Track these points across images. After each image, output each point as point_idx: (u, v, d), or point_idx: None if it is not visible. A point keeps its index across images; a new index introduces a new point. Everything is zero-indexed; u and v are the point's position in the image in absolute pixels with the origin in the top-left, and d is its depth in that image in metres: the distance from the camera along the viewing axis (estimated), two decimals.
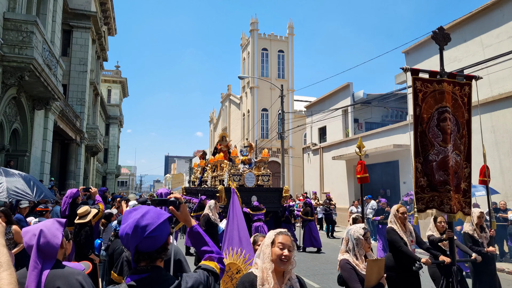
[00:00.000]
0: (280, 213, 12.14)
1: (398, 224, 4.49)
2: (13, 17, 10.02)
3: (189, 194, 16.08)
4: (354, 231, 3.25)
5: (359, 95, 20.28)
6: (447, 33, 4.43)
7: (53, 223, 2.08)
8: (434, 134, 4.01)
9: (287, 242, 2.22)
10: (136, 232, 1.47)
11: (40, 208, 6.37)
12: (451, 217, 4.08)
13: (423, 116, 4.01)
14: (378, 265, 3.12)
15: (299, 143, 34.44)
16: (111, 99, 40.27)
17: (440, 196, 3.98)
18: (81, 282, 1.97)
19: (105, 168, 38.08)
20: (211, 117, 58.59)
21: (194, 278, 1.61)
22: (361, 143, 4.77)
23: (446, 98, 4.05)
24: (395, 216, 4.54)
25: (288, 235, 2.27)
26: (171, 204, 1.81)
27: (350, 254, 3.21)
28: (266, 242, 2.27)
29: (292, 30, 39.75)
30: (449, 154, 3.95)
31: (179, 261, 2.43)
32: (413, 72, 4.11)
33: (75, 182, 19.10)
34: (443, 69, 4.22)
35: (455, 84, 4.20)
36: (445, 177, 3.96)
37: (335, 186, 20.99)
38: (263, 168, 12.65)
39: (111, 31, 28.57)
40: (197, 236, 1.86)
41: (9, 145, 11.64)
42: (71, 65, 19.72)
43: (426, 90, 4.05)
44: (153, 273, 1.51)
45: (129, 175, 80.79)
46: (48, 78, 11.46)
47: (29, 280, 1.85)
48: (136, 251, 1.50)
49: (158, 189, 4.85)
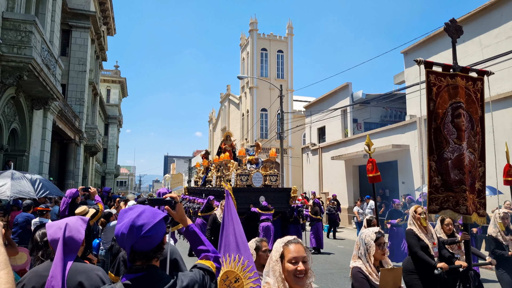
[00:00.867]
0: (288, 213, 11.95)
1: (417, 225, 4.26)
2: (12, 16, 10.01)
3: (192, 194, 16.04)
4: (365, 235, 2.94)
5: (358, 95, 20.30)
6: (459, 25, 4.22)
7: (77, 219, 2.14)
8: (449, 131, 3.79)
9: (300, 252, 1.88)
10: (132, 231, 1.47)
11: (40, 207, 6.37)
12: (467, 219, 3.83)
13: (438, 111, 3.79)
14: (394, 275, 2.80)
15: (298, 143, 34.46)
16: (110, 99, 40.24)
17: (456, 196, 3.76)
18: (101, 278, 2.01)
19: (104, 168, 38.06)
20: (211, 117, 58.59)
21: (190, 277, 1.61)
22: (370, 140, 4.48)
23: (460, 93, 3.85)
24: (413, 217, 4.32)
25: (299, 242, 1.94)
26: (167, 204, 1.82)
27: (363, 261, 2.89)
28: (274, 256, 1.95)
29: (291, 30, 39.77)
30: (464, 152, 3.75)
31: (175, 260, 2.43)
32: (426, 64, 3.92)
33: (74, 182, 19.08)
34: (456, 62, 4.03)
35: (468, 79, 4.01)
36: (461, 176, 3.74)
37: (334, 186, 21.00)
38: (270, 168, 12.53)
39: (110, 31, 28.55)
40: (193, 235, 1.86)
41: (8, 145, 11.63)
42: (70, 65, 19.71)
43: (440, 84, 3.85)
44: (148, 272, 1.51)
45: (128, 175, 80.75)
46: (47, 78, 11.44)
47: (55, 272, 1.87)
48: (132, 250, 1.50)
49: (158, 189, 4.85)
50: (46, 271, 1.94)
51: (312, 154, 23.82)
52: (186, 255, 9.02)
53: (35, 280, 1.97)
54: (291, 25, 39.83)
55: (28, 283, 1.96)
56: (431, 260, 3.99)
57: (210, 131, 58.36)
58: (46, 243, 2.42)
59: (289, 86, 37.97)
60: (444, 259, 4.30)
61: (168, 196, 1.87)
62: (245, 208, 10.96)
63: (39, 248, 2.42)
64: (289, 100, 36.82)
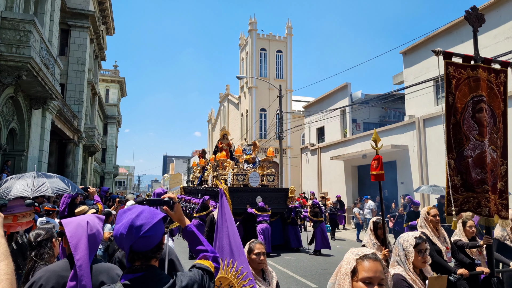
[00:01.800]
0: (285, 214, 11.79)
1: (430, 228, 3.98)
2: (11, 16, 9.99)
3: (188, 194, 15.95)
4: (404, 240, 2.67)
5: (357, 96, 20.32)
6: (481, 13, 3.93)
7: (94, 218, 2.08)
8: (470, 126, 3.56)
9: (377, 273, 1.51)
10: (131, 232, 1.48)
11: (47, 207, 6.40)
12: (489, 221, 3.55)
13: (457, 105, 3.55)
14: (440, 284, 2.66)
15: (297, 143, 34.47)
16: (109, 99, 40.19)
17: (477, 197, 3.51)
18: (120, 276, 1.99)
19: (103, 168, 38.01)
20: (210, 117, 58.57)
21: (189, 277, 1.62)
22: (377, 136, 4.14)
23: (482, 86, 3.60)
24: (425, 219, 4.03)
25: (377, 260, 1.56)
26: (165, 204, 1.83)
27: (404, 268, 2.59)
28: (344, 268, 1.59)
29: (290, 30, 39.78)
30: (486, 150, 3.51)
31: (171, 261, 2.43)
32: (445, 55, 3.62)
33: (73, 182, 19.04)
34: (478, 53, 3.79)
35: (490, 71, 3.74)
36: (482, 175, 3.49)
37: (333, 186, 21.01)
38: (267, 168, 12.30)
39: (109, 30, 28.52)
40: (191, 236, 1.87)
41: (6, 144, 11.61)
42: (69, 65, 19.68)
43: (460, 77, 3.61)
44: (147, 272, 1.52)
45: (127, 175, 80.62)
46: (45, 77, 11.42)
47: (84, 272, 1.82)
48: (131, 250, 1.51)
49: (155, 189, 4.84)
50: (64, 271, 1.89)
51: (311, 154, 23.83)
52: (187, 258, 8.97)
53: (54, 280, 1.89)
54: (290, 25, 39.84)
55: (46, 283, 1.87)
56: (449, 266, 3.72)
57: (209, 131, 58.33)
58: (39, 243, 2.41)
59: (288, 86, 37.99)
60: (464, 264, 3.99)
61: (166, 196, 1.88)
62: (242, 208, 10.88)
63: (33, 248, 2.41)
64: (288, 100, 36.84)
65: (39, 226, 5.71)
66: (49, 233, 2.51)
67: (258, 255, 2.83)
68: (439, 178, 13.64)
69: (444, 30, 13.99)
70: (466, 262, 4.00)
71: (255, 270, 2.83)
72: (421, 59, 15.36)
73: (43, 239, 2.45)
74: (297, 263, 9.56)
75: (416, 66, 15.64)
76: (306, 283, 7.54)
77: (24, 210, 3.31)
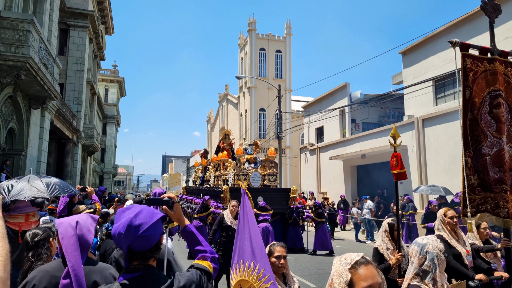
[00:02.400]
0: (287, 214, 11.62)
1: (448, 231, 3.72)
2: (10, 15, 9.97)
3: (190, 194, 15.92)
4: (432, 246, 2.29)
5: (356, 96, 20.34)
6: (497, 3, 3.77)
7: (87, 217, 2.08)
8: (487, 123, 3.37)
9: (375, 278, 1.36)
10: (129, 231, 1.47)
11: (51, 206, 6.44)
12: (508, 223, 3.37)
13: (474, 100, 3.36)
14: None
15: (297, 143, 34.49)
16: (108, 99, 40.16)
17: (495, 197, 3.33)
18: (114, 276, 2.00)
19: (102, 168, 37.97)
20: (209, 117, 58.57)
21: (187, 277, 1.61)
22: (396, 131, 3.77)
23: (499, 80, 3.43)
24: (442, 221, 3.76)
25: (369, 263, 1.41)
26: (165, 204, 1.82)
27: (425, 281, 2.23)
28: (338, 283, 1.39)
29: (290, 30, 39.79)
30: (504, 147, 3.34)
31: (168, 261, 2.41)
32: (462, 47, 3.43)
33: (72, 181, 19.02)
34: (495, 45, 3.62)
35: (507, 64, 3.57)
36: (501, 174, 3.32)
37: (332, 186, 21.03)
38: (269, 168, 12.11)
39: (108, 30, 28.50)
40: (190, 236, 1.86)
41: (5, 144, 11.59)
42: (68, 64, 19.66)
43: (477, 70, 3.41)
44: (145, 272, 1.51)
45: (126, 175, 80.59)
46: (44, 77, 11.41)
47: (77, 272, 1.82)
48: (129, 250, 1.50)
49: (154, 189, 4.82)
50: (57, 271, 1.89)
51: (310, 154, 23.84)
52: (186, 258, 8.97)
53: (47, 280, 1.90)
54: (289, 25, 39.85)
55: (39, 283, 1.88)
56: (466, 271, 3.45)
57: (208, 131, 58.33)
58: (36, 243, 2.39)
59: (287, 86, 38.00)
60: (481, 270, 3.75)
61: (165, 196, 1.87)
62: None
63: (30, 249, 2.39)
64: (288, 100, 36.86)
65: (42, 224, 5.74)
66: (46, 233, 2.49)
67: (278, 258, 2.70)
68: (437, 178, 13.66)
69: (443, 30, 14.01)
70: (484, 268, 3.78)
71: (276, 274, 2.69)
72: (420, 59, 15.38)
73: (40, 239, 2.43)
74: (296, 263, 9.57)
75: (415, 66, 15.66)
76: (304, 282, 7.55)
77: (32, 210, 3.44)
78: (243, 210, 2.89)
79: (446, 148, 13.59)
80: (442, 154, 13.68)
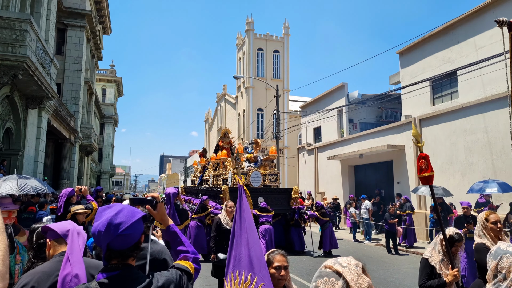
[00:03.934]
0: (288, 215, 11.33)
1: (491, 238, 3.24)
2: (7, 15, 9.93)
3: (188, 194, 15.77)
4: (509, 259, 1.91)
5: (354, 96, 20.37)
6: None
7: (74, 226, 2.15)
8: None
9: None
10: (109, 229, 1.47)
11: (52, 206, 6.49)
12: None
13: None
14: None
15: (294, 143, 34.52)
16: (106, 99, 40.08)
17: None
18: None
19: (99, 168, 37.89)
20: (207, 117, 58.54)
21: (166, 277, 1.60)
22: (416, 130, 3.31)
23: None
24: (484, 227, 3.29)
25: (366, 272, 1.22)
26: (148, 203, 1.83)
27: None
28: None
29: (287, 31, 39.83)
30: None
31: (165, 260, 2.36)
32: (510, 26, 3.17)
33: (69, 181, 18.98)
34: None
35: None
36: None
37: (330, 186, 21.06)
38: (269, 167, 11.79)
39: (106, 30, 28.44)
40: (173, 236, 1.85)
41: (2, 144, 11.55)
42: (65, 64, 19.60)
43: None
44: (124, 271, 1.51)
45: (123, 175, 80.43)
46: (41, 77, 11.38)
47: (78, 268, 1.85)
48: (108, 248, 1.50)
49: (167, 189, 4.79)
50: (54, 271, 1.90)
51: (308, 154, 23.87)
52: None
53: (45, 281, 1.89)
54: (287, 25, 39.88)
55: (37, 285, 1.85)
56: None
57: (206, 131, 58.31)
58: (40, 245, 2.39)
59: (285, 86, 38.04)
60: None
61: (149, 195, 1.88)
62: None
63: (33, 250, 2.39)
64: (285, 100, 36.89)
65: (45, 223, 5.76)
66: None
67: (278, 269, 2.34)
68: (435, 178, 13.63)
69: (441, 30, 14.06)
70: None
71: (275, 287, 2.32)
72: (417, 59, 15.42)
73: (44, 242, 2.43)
74: (293, 263, 9.57)
75: (413, 66, 15.70)
76: (303, 282, 7.57)
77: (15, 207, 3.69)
78: (239, 211, 2.52)
79: (443, 148, 13.64)
80: (439, 154, 13.73)
